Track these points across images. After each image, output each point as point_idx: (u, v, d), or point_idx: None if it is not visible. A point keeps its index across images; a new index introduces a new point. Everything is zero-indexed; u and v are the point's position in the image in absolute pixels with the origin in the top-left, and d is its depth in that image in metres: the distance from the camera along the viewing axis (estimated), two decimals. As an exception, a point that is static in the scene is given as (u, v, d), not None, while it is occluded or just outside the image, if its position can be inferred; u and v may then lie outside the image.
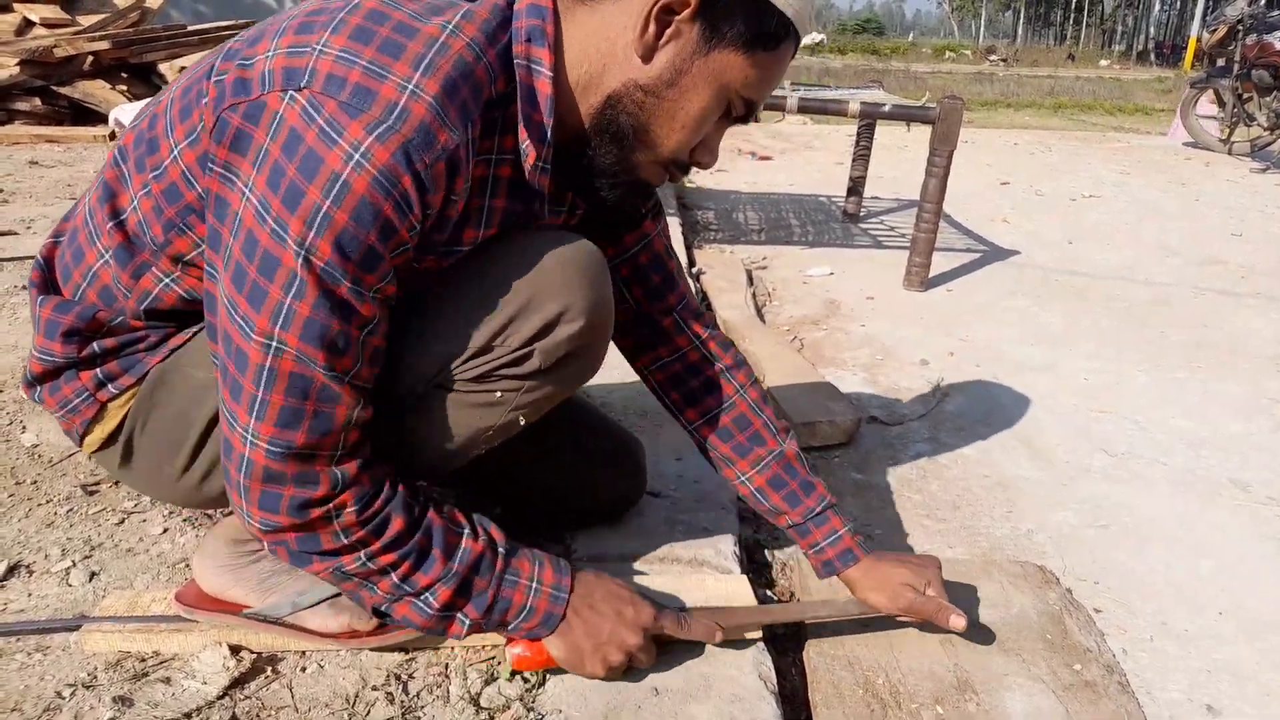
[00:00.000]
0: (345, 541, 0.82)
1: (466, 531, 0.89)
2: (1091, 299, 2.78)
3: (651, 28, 0.79)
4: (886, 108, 2.59)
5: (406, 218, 0.75)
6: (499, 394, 0.88)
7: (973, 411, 1.89)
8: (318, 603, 0.95)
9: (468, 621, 0.88)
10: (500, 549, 0.90)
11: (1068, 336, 2.41)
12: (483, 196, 0.86)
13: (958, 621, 1.00)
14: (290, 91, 0.72)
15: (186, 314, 0.92)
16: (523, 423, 0.92)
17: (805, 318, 2.48)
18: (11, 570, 1.10)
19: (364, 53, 0.73)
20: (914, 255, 2.73)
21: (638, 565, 1.15)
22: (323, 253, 0.73)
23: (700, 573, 1.15)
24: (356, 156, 0.71)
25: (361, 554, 0.83)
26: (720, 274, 2.70)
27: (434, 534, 0.86)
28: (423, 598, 0.86)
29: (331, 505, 0.81)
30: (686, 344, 1.11)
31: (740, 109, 0.85)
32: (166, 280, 0.89)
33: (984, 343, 2.32)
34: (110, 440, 0.96)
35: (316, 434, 0.78)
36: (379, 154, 0.71)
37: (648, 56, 0.80)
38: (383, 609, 0.88)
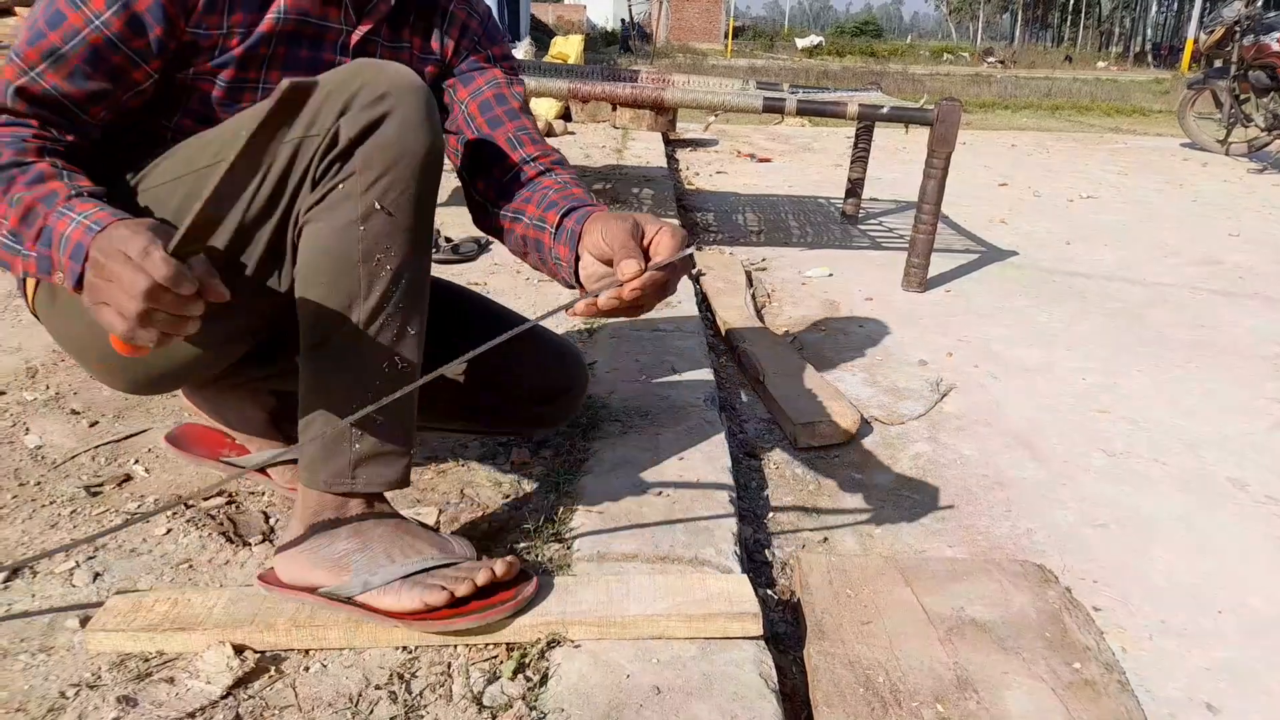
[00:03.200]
0: None
1: (64, 179, 0.88)
2: (1090, 299, 2.79)
3: None
4: (885, 110, 2.60)
5: None
6: (340, 186, 0.90)
7: (971, 412, 1.90)
8: (390, 581, 0.97)
9: (24, 252, 0.86)
10: (75, 190, 0.86)
11: (1066, 336, 2.42)
12: None
13: (628, 267, 0.82)
14: None
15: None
16: (384, 210, 0.92)
17: (804, 319, 2.48)
18: (15, 571, 1.10)
19: None
20: (912, 256, 2.74)
21: (639, 564, 1.16)
22: None
23: (701, 572, 1.15)
24: None
25: None
26: (719, 275, 2.71)
27: (32, 171, 0.87)
28: (2, 226, 0.87)
29: None
30: (517, 160, 1.13)
31: None
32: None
33: (982, 343, 2.33)
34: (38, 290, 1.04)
35: None
36: None
37: None
38: None
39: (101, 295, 0.77)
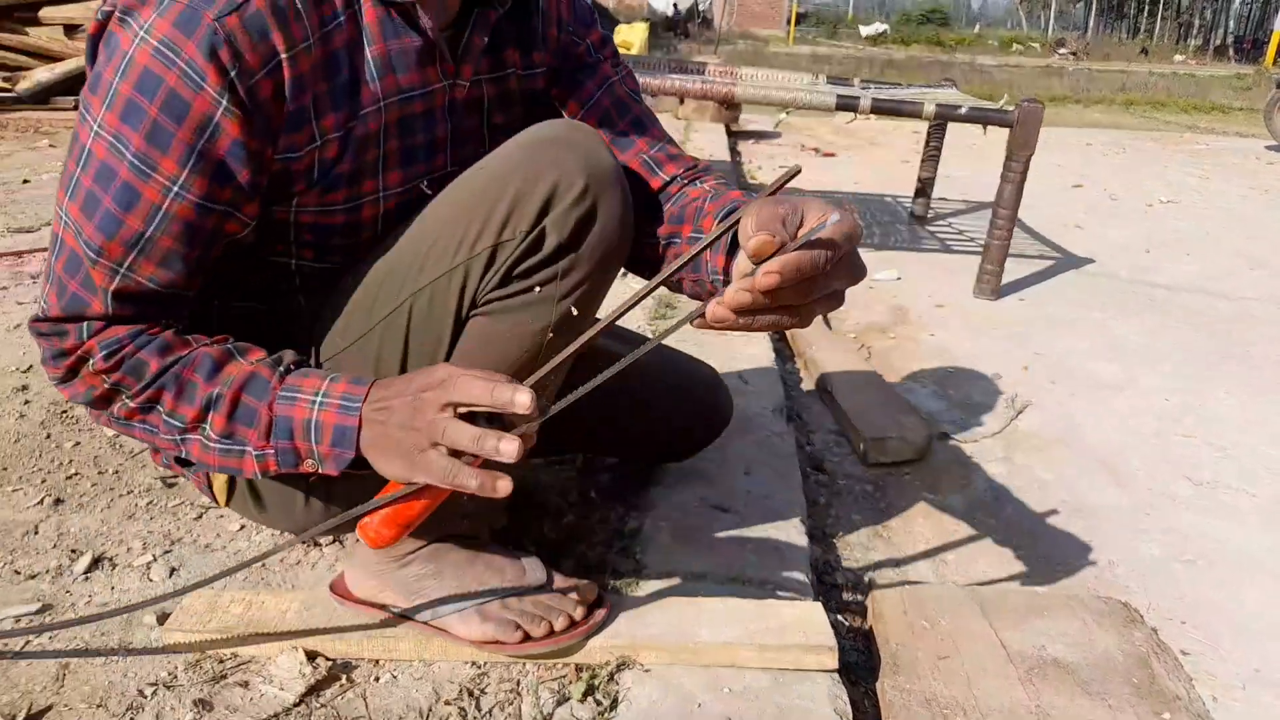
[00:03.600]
0: (106, 385, 0.79)
1: (241, 357, 0.81)
2: (1171, 312, 2.68)
3: None
4: (963, 110, 2.52)
5: (201, 89, 0.72)
6: (536, 289, 0.83)
7: (1049, 431, 1.84)
8: (462, 610, 0.96)
9: (253, 451, 0.78)
10: (280, 367, 0.80)
11: (1147, 352, 2.33)
12: (334, 79, 0.79)
13: (761, 244, 0.64)
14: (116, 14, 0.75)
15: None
16: (575, 313, 0.85)
17: (873, 325, 2.43)
18: (96, 563, 1.12)
19: None
20: (986, 263, 2.66)
21: (709, 585, 1.13)
22: (108, 124, 0.73)
23: (774, 596, 1.12)
24: (141, 33, 0.72)
25: (124, 396, 0.79)
26: (785, 276, 2.66)
27: (200, 362, 0.79)
28: (202, 431, 0.79)
29: (80, 352, 0.79)
30: (660, 185, 1.01)
31: None
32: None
33: (1059, 357, 2.25)
34: (232, 487, 0.97)
35: (71, 309, 0.78)
36: (159, 26, 0.71)
37: None
38: (188, 458, 0.83)
39: (418, 449, 0.73)
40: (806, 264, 0.63)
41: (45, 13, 4.96)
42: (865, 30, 32.46)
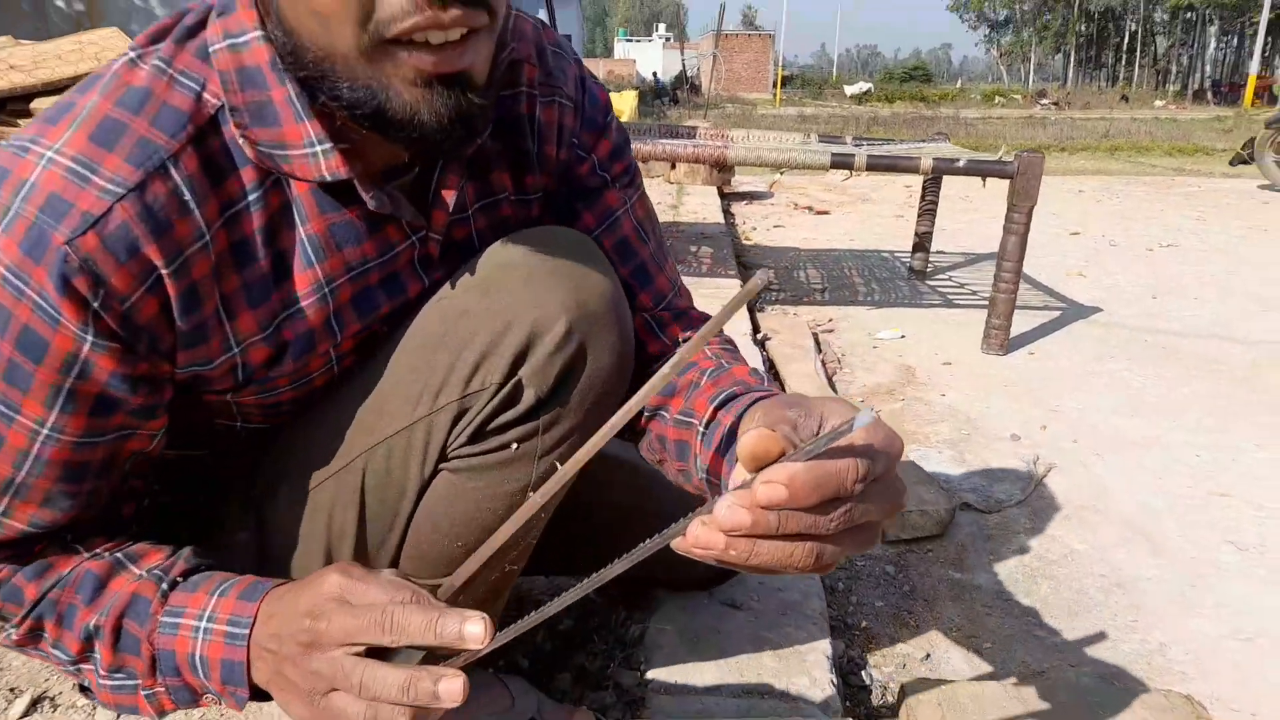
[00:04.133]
0: None
1: (131, 565, 0.66)
2: (1187, 361, 2.58)
3: None
4: (961, 163, 2.46)
5: (59, 324, 0.57)
6: (514, 445, 0.70)
7: (1077, 496, 1.72)
8: None
9: (144, 690, 0.64)
10: (164, 583, 0.64)
11: (1168, 405, 2.23)
12: (248, 272, 0.64)
13: (762, 443, 0.49)
14: None
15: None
16: (560, 467, 0.70)
17: (880, 386, 2.33)
18: (35, 703, 1.00)
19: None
20: (993, 317, 2.58)
21: (722, 699, 1.01)
22: None
23: (795, 711, 1.00)
24: None
25: (9, 625, 0.66)
26: (786, 340, 2.57)
27: (82, 582, 0.64)
28: (93, 662, 0.65)
29: None
30: (659, 351, 0.84)
31: None
32: None
33: (1078, 414, 2.15)
34: None
35: None
36: (5, 248, 0.56)
37: None
38: (95, 696, 0.68)
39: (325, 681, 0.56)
40: (828, 479, 0.47)
41: (37, 104, 5.00)
42: (850, 90, 33.08)
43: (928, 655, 1.25)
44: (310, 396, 0.72)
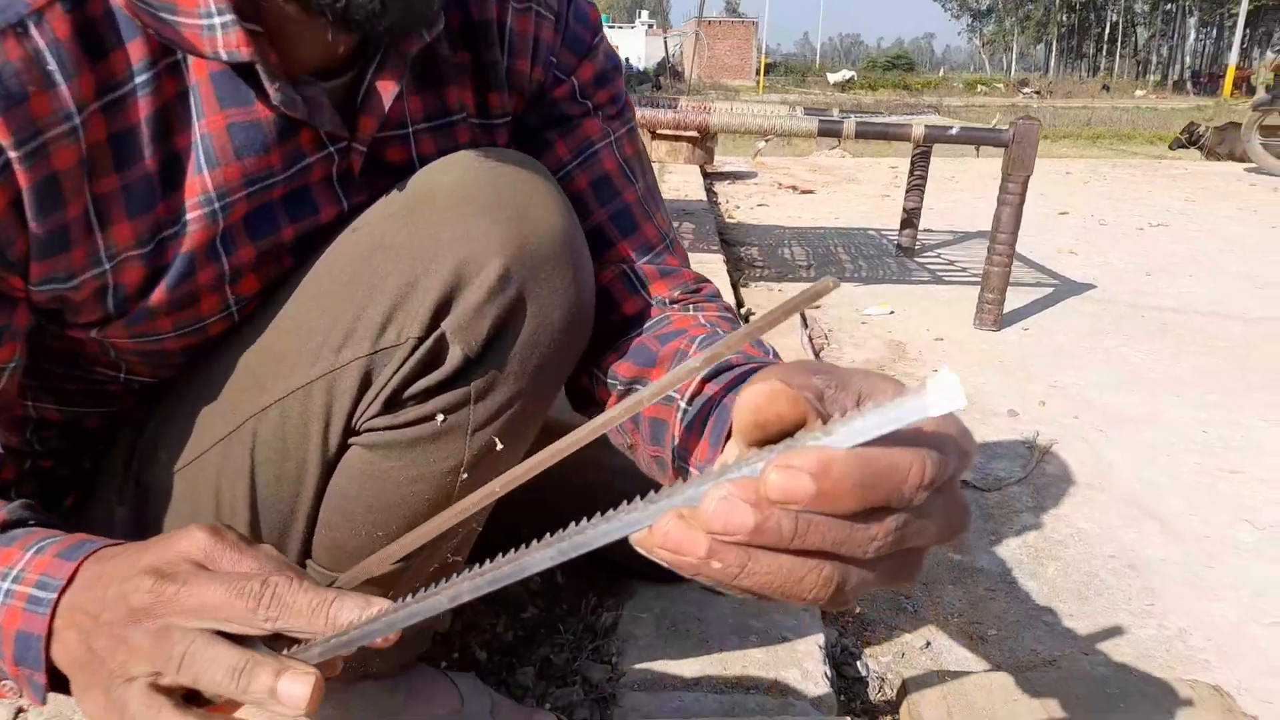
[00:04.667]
0: None
1: None
2: (1185, 336, 2.49)
3: None
4: (954, 131, 2.35)
5: None
6: (440, 417, 0.57)
7: (1080, 473, 1.62)
8: None
9: None
10: None
11: (1169, 380, 2.13)
12: (129, 171, 0.52)
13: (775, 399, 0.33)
14: None
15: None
16: (499, 446, 0.60)
17: (869, 362, 2.22)
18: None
19: None
20: (986, 291, 2.47)
21: (703, 695, 0.90)
22: None
23: (785, 707, 0.89)
24: None
25: None
26: (771, 315, 2.46)
27: None
28: None
29: None
30: (637, 312, 0.69)
31: None
32: None
33: (1076, 389, 2.05)
34: None
35: None
36: None
37: None
38: None
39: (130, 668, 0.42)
40: (882, 475, 0.31)
41: None
42: (833, 77, 33.00)
43: (928, 644, 1.15)
44: (204, 347, 0.60)
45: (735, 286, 2.80)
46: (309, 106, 0.53)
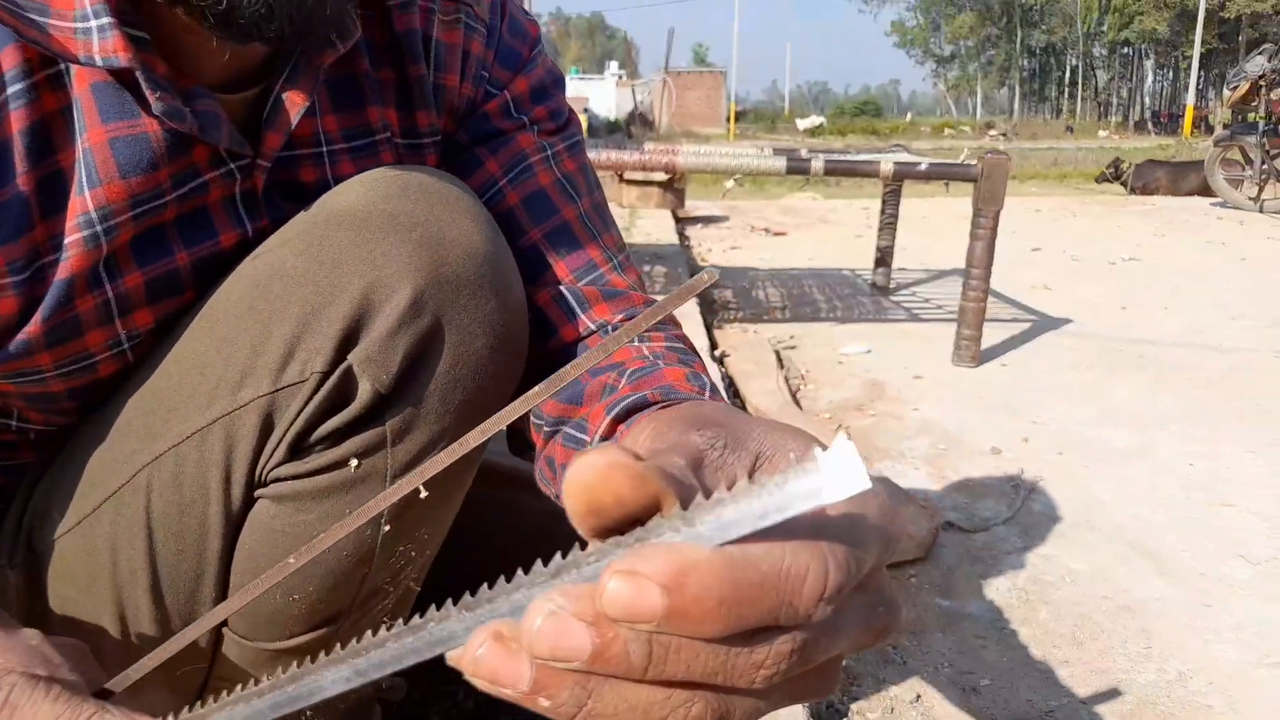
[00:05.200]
0: None
1: None
2: (1164, 369, 2.47)
3: None
4: (922, 166, 2.34)
5: None
6: (354, 462, 0.50)
7: (1067, 512, 1.57)
8: None
9: None
10: None
11: (1151, 414, 2.10)
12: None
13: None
14: None
15: None
16: (424, 495, 0.47)
17: (847, 402, 2.18)
18: None
19: None
20: (963, 327, 2.45)
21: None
22: None
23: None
24: None
25: None
26: (746, 356, 2.42)
27: None
28: None
29: None
30: (576, 338, 0.60)
31: None
32: None
33: (1059, 425, 2.01)
34: None
35: None
36: None
37: None
38: None
39: None
40: (761, 589, 0.22)
41: None
42: (802, 124, 33.53)
43: (918, 697, 1.08)
44: (96, 389, 0.53)
45: (709, 328, 2.77)
46: (200, 120, 0.48)
